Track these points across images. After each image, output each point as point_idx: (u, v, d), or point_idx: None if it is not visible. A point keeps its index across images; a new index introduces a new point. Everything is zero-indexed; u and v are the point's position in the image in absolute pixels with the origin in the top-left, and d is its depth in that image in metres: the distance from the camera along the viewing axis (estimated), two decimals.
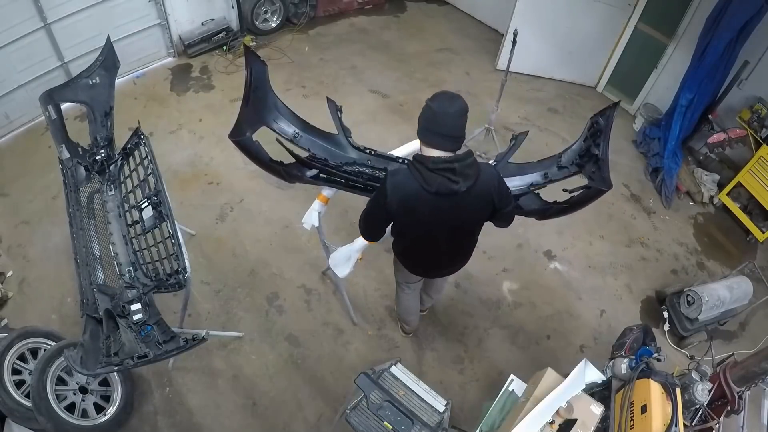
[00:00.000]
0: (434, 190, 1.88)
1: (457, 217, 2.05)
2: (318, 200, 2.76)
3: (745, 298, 3.38)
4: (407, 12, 6.28)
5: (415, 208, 1.96)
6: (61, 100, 2.86)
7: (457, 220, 2.08)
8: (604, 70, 5.29)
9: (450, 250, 2.31)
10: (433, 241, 2.21)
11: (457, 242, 2.28)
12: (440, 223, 2.07)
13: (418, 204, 1.94)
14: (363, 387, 2.21)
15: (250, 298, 3.33)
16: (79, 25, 4.11)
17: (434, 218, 2.02)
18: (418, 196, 1.91)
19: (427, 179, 1.87)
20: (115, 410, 2.60)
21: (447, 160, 1.86)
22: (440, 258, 2.38)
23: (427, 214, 1.99)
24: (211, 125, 4.42)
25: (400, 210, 1.98)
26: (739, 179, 4.17)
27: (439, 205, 1.94)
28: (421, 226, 2.10)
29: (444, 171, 1.85)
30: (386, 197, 1.94)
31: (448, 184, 1.86)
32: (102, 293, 2.45)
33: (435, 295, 3.12)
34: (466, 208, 2.01)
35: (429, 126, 1.85)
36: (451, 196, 1.90)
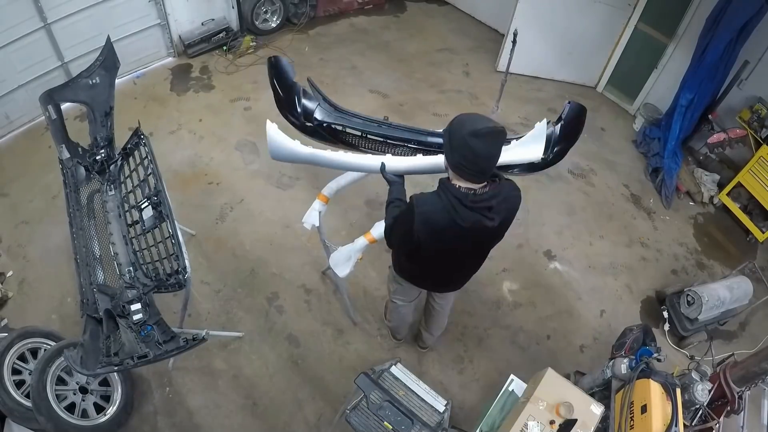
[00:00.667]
0: (467, 227, 1.80)
1: (483, 243, 2.04)
2: (318, 200, 2.77)
3: (745, 298, 3.38)
4: (407, 12, 6.28)
5: (442, 239, 1.89)
6: (61, 100, 2.86)
7: (484, 245, 2.07)
8: (604, 70, 5.29)
9: (463, 269, 2.29)
10: (448, 265, 2.18)
11: (473, 262, 2.24)
12: (464, 250, 2.03)
13: (448, 236, 1.86)
14: (363, 387, 2.21)
15: (250, 298, 3.33)
16: (79, 25, 4.11)
17: (459, 246, 1.96)
18: (450, 230, 1.82)
19: (462, 215, 1.78)
20: (115, 410, 2.60)
21: (485, 197, 1.77)
22: (451, 277, 2.36)
23: (455, 243, 1.93)
24: (211, 125, 4.42)
25: (426, 238, 1.89)
26: (739, 179, 4.18)
27: (468, 237, 1.88)
28: (442, 252, 2.02)
29: (482, 209, 1.78)
30: (413, 225, 1.85)
31: (483, 221, 1.79)
32: (102, 293, 2.45)
33: (436, 331, 3.00)
34: (493, 235, 1.97)
35: (466, 165, 1.70)
36: (483, 231, 1.85)
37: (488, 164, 1.71)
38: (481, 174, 1.74)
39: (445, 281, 2.41)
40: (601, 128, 5.04)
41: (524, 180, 4.32)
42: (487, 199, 1.77)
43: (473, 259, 2.21)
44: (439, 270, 2.25)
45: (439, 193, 1.82)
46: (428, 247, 1.96)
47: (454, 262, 2.18)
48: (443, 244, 1.94)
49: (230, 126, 4.45)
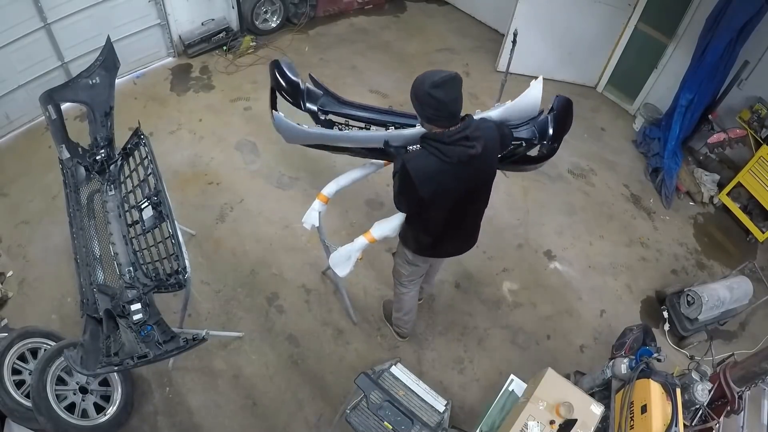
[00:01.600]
0: (456, 161, 1.95)
1: (477, 178, 2.14)
2: (318, 200, 2.76)
3: (745, 298, 3.38)
4: (407, 12, 6.28)
5: (440, 182, 2.02)
6: (61, 100, 2.86)
7: (478, 181, 2.18)
8: (604, 70, 5.29)
9: (475, 217, 2.40)
10: (461, 214, 2.27)
11: (480, 206, 2.36)
12: (465, 191, 2.13)
13: (443, 178, 2.01)
14: (363, 387, 2.22)
15: (250, 298, 3.33)
16: (79, 25, 4.11)
17: (459, 186, 2.09)
18: (442, 170, 1.98)
19: (446, 152, 1.94)
20: (115, 410, 2.59)
21: (458, 130, 1.93)
22: (467, 230, 2.45)
23: (453, 185, 2.06)
24: (211, 125, 4.42)
25: (429, 189, 2.03)
26: (739, 179, 4.18)
27: (461, 173, 2.01)
28: (449, 199, 2.14)
29: (459, 140, 1.93)
30: (412, 180, 1.99)
31: (466, 150, 1.94)
32: (102, 293, 2.45)
33: (433, 278, 3.15)
34: (483, 167, 2.12)
35: (437, 114, 1.91)
36: (470, 161, 1.97)
37: (455, 107, 1.91)
38: (451, 117, 1.93)
39: (464, 237, 2.49)
40: (601, 128, 5.04)
41: (524, 180, 4.34)
42: (461, 131, 1.93)
43: (478, 202, 2.32)
44: (455, 225, 2.33)
45: (423, 146, 2.01)
46: (434, 200, 2.09)
47: (464, 210, 2.26)
48: (444, 189, 2.06)
49: (230, 126, 4.45)
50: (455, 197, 2.14)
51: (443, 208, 2.18)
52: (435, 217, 2.24)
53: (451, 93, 1.87)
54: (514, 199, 4.16)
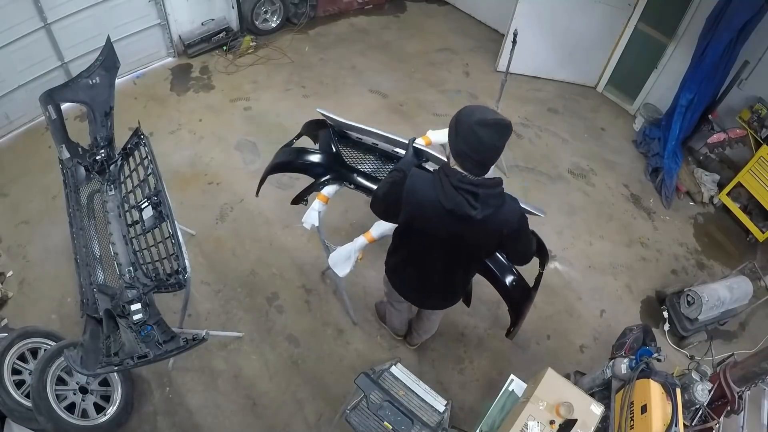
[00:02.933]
0: (449, 208, 1.76)
1: (462, 240, 1.91)
2: (318, 200, 2.77)
3: (745, 298, 3.38)
4: (407, 12, 6.28)
5: (424, 216, 1.85)
6: (61, 100, 2.86)
7: (461, 244, 1.94)
8: (604, 70, 5.29)
9: (443, 276, 2.18)
10: (429, 259, 2.10)
11: (453, 269, 2.14)
12: (443, 242, 1.94)
13: (430, 214, 1.83)
14: (363, 387, 2.21)
15: (250, 298, 3.33)
16: (79, 25, 4.11)
17: (438, 233, 1.90)
18: (432, 207, 1.79)
19: (447, 194, 1.75)
20: (115, 410, 2.59)
21: (473, 182, 1.73)
22: (430, 283, 2.24)
23: (434, 227, 1.87)
24: (211, 125, 4.42)
25: (408, 211, 1.88)
26: (739, 179, 4.18)
27: (449, 223, 1.82)
28: (424, 237, 1.97)
29: (466, 192, 1.73)
30: (402, 191, 1.84)
31: (465, 208, 1.74)
32: (102, 293, 2.45)
33: (423, 334, 3.00)
34: (475, 235, 1.88)
35: (469, 153, 1.69)
36: (465, 221, 1.78)
37: (490, 155, 1.71)
38: (482, 165, 1.73)
39: (427, 288, 2.30)
40: (601, 128, 5.04)
41: (524, 180, 4.34)
42: (474, 185, 1.73)
43: (454, 265, 2.10)
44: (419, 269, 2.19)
45: (435, 171, 1.82)
46: (408, 225, 1.95)
47: (434, 259, 2.07)
48: (422, 223, 1.89)
49: (230, 126, 4.45)
50: (430, 242, 1.97)
51: (413, 245, 2.05)
52: (407, 248, 2.12)
53: (495, 139, 1.66)
54: None
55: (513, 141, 4.71)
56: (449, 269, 2.13)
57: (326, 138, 2.91)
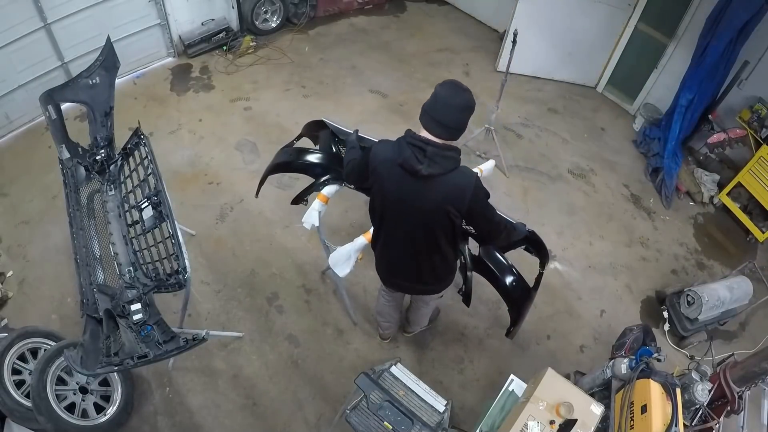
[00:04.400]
0: (399, 161, 1.87)
1: (417, 203, 1.96)
2: (318, 200, 2.77)
3: (745, 298, 3.38)
4: (407, 12, 6.28)
5: (383, 176, 1.96)
6: (61, 100, 2.86)
7: (418, 210, 1.98)
8: (604, 70, 5.29)
9: (411, 251, 2.20)
10: (392, 232, 2.17)
11: (418, 243, 2.15)
12: (403, 208, 2.01)
13: (387, 173, 1.94)
14: (363, 387, 2.21)
15: (250, 298, 3.33)
16: (79, 25, 4.11)
17: (395, 194, 1.98)
18: (390, 164, 1.92)
19: (400, 148, 1.88)
20: (115, 410, 2.59)
21: (423, 139, 1.85)
22: (401, 261, 2.28)
23: (392, 187, 1.96)
24: (211, 125, 4.42)
25: (372, 174, 2.00)
26: (739, 179, 4.18)
27: (402, 182, 1.91)
28: (383, 201, 2.05)
29: (415, 147, 1.84)
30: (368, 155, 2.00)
31: (412, 161, 1.84)
32: (102, 293, 2.45)
33: (414, 325, 3.07)
34: (427, 197, 1.93)
35: (428, 109, 1.86)
36: (413, 176, 1.87)
37: (445, 112, 1.81)
38: (434, 122, 1.83)
39: (399, 268, 2.35)
40: (601, 128, 5.04)
41: (524, 180, 4.34)
42: (424, 141, 1.84)
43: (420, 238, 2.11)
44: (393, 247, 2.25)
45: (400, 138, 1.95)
46: (374, 194, 2.06)
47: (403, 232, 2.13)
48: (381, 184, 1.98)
49: (230, 126, 4.45)
50: (388, 205, 2.04)
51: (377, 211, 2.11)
52: (373, 218, 2.19)
53: (449, 96, 1.80)
54: (514, 199, 4.16)
55: (513, 141, 4.72)
56: (411, 243, 2.16)
57: (326, 138, 2.91)
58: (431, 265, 2.27)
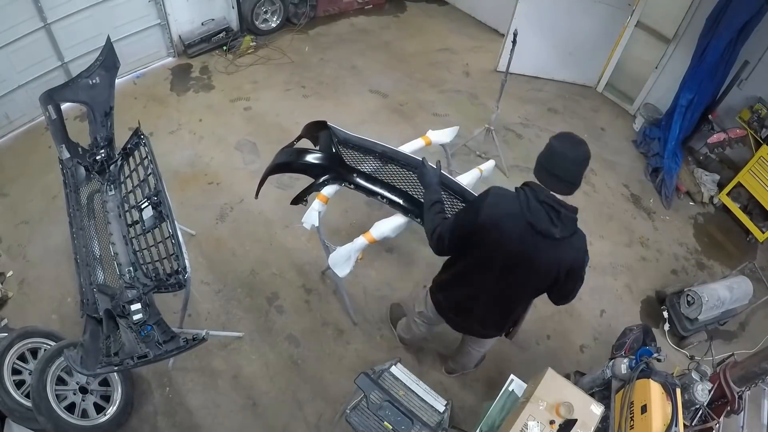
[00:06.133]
0: (531, 221, 1.79)
1: (537, 261, 1.88)
2: (318, 200, 2.77)
3: (745, 298, 3.38)
4: (407, 12, 6.28)
5: (503, 229, 1.84)
6: (61, 100, 2.86)
7: (534, 266, 1.91)
8: (604, 70, 5.30)
9: (496, 298, 2.12)
10: (483, 279, 2.04)
11: (508, 294, 2.10)
12: (514, 261, 1.91)
13: (510, 227, 1.83)
14: (363, 387, 2.21)
15: (250, 298, 3.33)
16: (79, 25, 4.11)
17: (512, 248, 1.87)
18: (514, 219, 1.81)
19: (531, 208, 1.79)
20: (115, 410, 2.59)
21: (557, 200, 1.79)
22: (479, 304, 2.17)
23: (509, 240, 1.85)
24: (211, 125, 4.42)
25: (487, 225, 1.86)
26: (739, 179, 4.18)
27: (526, 237, 1.82)
28: (490, 252, 1.93)
29: (550, 208, 1.79)
30: (479, 209, 1.86)
31: (547, 223, 1.79)
32: (102, 293, 2.45)
33: (461, 367, 2.96)
34: (549, 257, 1.87)
35: (546, 165, 1.80)
36: (543, 237, 1.80)
37: (564, 166, 1.77)
38: (557, 179, 1.79)
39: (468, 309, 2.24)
40: (601, 128, 5.04)
41: (524, 180, 4.33)
42: (558, 203, 1.79)
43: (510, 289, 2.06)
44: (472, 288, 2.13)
45: (518, 188, 1.87)
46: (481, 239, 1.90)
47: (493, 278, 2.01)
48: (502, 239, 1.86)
49: (230, 126, 4.45)
50: (493, 258, 1.93)
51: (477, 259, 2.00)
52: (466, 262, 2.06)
53: (567, 150, 1.76)
54: None
55: (513, 141, 4.72)
56: (505, 292, 2.09)
57: (326, 139, 2.91)
58: (509, 312, 2.24)
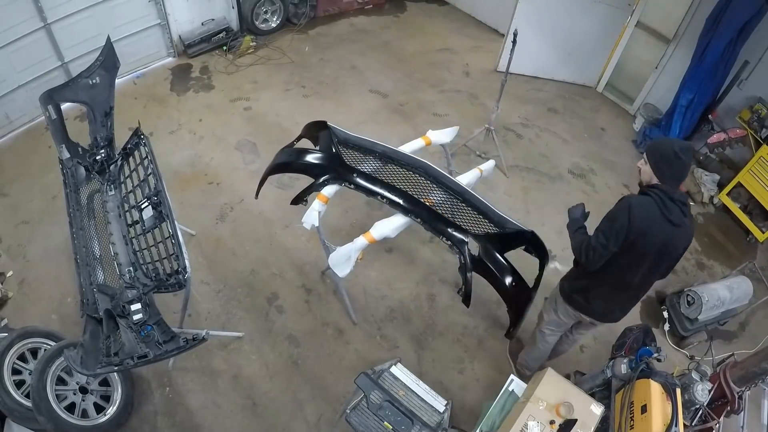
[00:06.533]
0: (671, 218, 2.10)
1: (669, 246, 2.19)
2: (318, 200, 2.77)
3: (745, 298, 3.38)
4: (407, 12, 6.28)
5: (654, 232, 2.13)
6: (61, 100, 2.86)
7: (667, 251, 2.20)
8: (604, 70, 5.30)
9: (636, 287, 2.38)
10: (629, 274, 2.29)
11: (650, 279, 2.36)
12: (657, 251, 2.19)
13: (658, 229, 2.12)
14: (363, 387, 2.22)
15: (250, 298, 3.33)
16: (79, 25, 4.12)
17: (657, 242, 2.15)
18: (658, 222, 2.11)
19: (669, 207, 2.10)
20: (115, 410, 2.59)
21: (683, 195, 2.14)
22: (621, 296, 2.43)
23: (656, 240, 2.14)
24: (211, 125, 4.42)
25: (641, 232, 2.12)
26: (739, 179, 4.17)
27: (668, 232, 2.13)
28: (644, 249, 2.19)
29: (682, 204, 2.13)
30: (629, 217, 2.12)
31: (680, 215, 2.11)
32: (102, 293, 2.45)
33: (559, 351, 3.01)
34: (679, 240, 2.19)
35: (673, 172, 2.11)
36: (677, 227, 2.11)
37: (685, 173, 2.14)
38: (678, 181, 2.14)
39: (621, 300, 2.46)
40: (601, 128, 5.04)
41: (524, 180, 4.34)
42: (686, 198, 2.16)
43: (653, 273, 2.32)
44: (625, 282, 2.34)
45: (647, 192, 2.17)
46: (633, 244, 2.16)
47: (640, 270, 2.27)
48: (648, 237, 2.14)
49: (230, 126, 4.45)
50: (648, 252, 2.19)
51: (632, 257, 2.22)
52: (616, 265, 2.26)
53: (689, 160, 2.13)
54: (514, 199, 4.15)
55: (513, 141, 4.72)
56: (646, 278, 2.33)
57: (326, 139, 2.91)
58: (645, 288, 2.44)
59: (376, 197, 2.84)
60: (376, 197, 2.84)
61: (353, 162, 2.89)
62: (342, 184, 2.82)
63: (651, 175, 2.16)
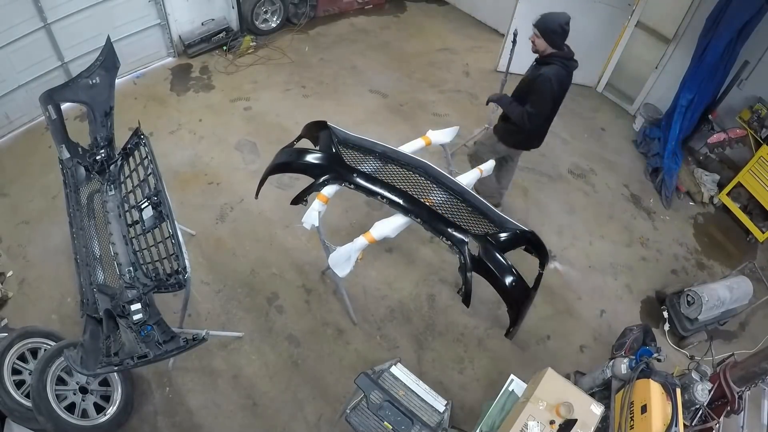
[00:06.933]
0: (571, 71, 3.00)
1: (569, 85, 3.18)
2: (318, 200, 2.77)
3: (745, 298, 3.38)
4: (407, 12, 6.28)
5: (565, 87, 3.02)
6: (61, 100, 2.86)
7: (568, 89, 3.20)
8: (604, 70, 5.29)
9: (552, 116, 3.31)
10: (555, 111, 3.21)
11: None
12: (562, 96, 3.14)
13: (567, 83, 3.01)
14: (363, 387, 2.22)
15: (250, 298, 3.33)
16: (79, 25, 4.12)
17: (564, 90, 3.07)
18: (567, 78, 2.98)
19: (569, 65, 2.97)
20: (115, 410, 2.60)
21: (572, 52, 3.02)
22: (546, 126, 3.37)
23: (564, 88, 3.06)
24: (211, 125, 4.42)
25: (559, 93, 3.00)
26: (739, 179, 4.18)
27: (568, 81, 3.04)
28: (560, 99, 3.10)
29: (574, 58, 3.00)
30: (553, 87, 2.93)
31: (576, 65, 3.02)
32: (102, 293, 2.45)
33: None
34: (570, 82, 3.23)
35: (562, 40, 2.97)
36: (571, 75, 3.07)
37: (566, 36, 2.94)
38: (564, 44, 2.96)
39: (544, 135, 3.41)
40: (601, 128, 5.04)
41: (524, 180, 4.34)
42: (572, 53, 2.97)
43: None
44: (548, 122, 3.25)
45: (552, 62, 2.93)
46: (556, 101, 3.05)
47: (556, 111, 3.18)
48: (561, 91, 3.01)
49: (230, 126, 4.45)
50: (562, 97, 3.03)
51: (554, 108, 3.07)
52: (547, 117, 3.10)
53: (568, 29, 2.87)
54: (514, 199, 4.15)
55: None
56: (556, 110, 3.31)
57: (326, 139, 2.91)
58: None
59: (376, 197, 2.84)
60: (376, 197, 2.84)
61: (353, 162, 2.89)
62: (342, 184, 2.82)
63: (546, 46, 2.97)
